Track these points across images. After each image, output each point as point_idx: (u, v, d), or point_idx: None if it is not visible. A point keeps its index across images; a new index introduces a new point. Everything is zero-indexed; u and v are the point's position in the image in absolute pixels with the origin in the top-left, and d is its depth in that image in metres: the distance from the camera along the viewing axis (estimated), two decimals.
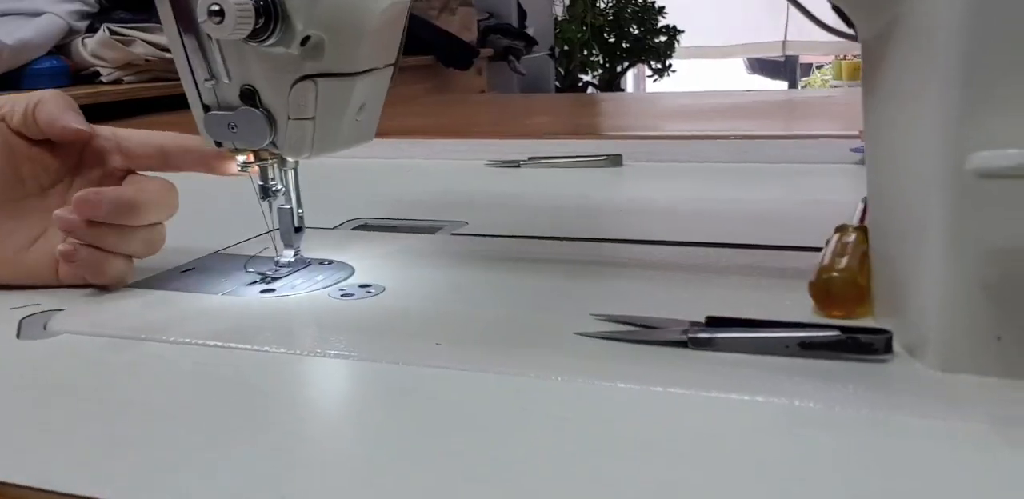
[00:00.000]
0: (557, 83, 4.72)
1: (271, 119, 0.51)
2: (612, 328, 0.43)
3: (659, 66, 5.13)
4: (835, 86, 5.57)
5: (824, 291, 0.41)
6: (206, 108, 0.53)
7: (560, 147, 0.97)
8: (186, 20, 0.50)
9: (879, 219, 0.41)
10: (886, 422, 0.33)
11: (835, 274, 0.41)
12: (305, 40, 0.48)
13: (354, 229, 0.69)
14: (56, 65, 1.44)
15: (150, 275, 0.57)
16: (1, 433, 0.36)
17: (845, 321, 0.40)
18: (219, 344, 0.45)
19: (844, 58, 5.48)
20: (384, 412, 0.37)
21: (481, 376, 0.39)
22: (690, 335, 0.39)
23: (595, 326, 0.43)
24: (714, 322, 0.40)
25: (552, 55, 4.51)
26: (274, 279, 0.55)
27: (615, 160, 0.89)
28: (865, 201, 0.55)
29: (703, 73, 6.09)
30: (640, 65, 5.33)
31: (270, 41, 0.47)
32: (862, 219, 0.51)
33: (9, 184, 0.54)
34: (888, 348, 0.36)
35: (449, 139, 1.01)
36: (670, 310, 0.44)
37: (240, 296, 0.53)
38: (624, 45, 5.12)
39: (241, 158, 0.55)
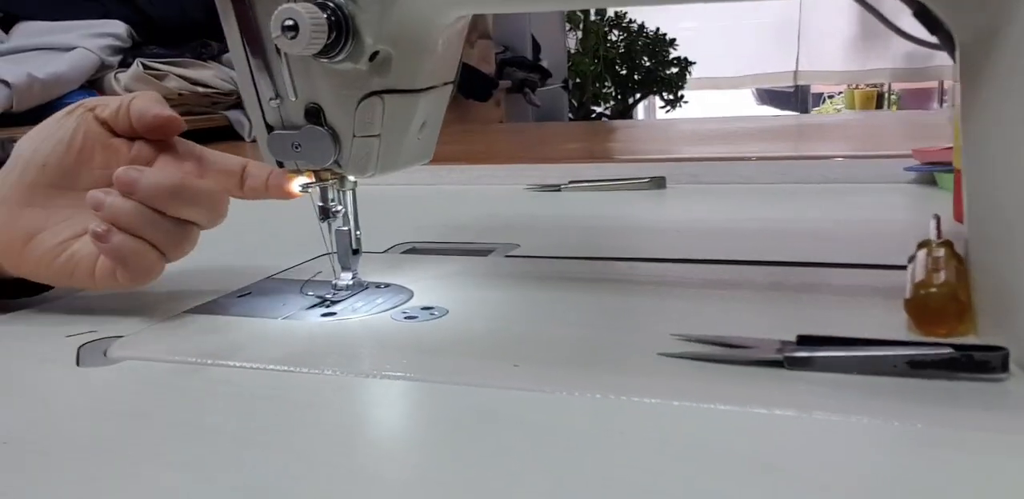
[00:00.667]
0: (570, 115, 4.74)
1: (336, 137, 0.50)
2: (696, 348, 0.41)
3: (671, 97, 5.15)
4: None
5: (922, 307, 0.40)
6: (269, 128, 0.52)
7: (598, 171, 0.96)
8: (253, 38, 0.49)
9: (981, 231, 0.40)
10: (1015, 444, 0.31)
11: (934, 289, 0.39)
12: (374, 55, 0.48)
13: (404, 253, 0.68)
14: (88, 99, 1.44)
15: (206, 300, 0.56)
16: (81, 462, 0.35)
17: (947, 339, 0.39)
18: (288, 369, 0.43)
19: (856, 87, 5.50)
20: (471, 436, 0.35)
21: (568, 398, 0.38)
22: (786, 354, 0.37)
23: (678, 346, 0.42)
24: (807, 341, 0.39)
25: (566, 87, 4.53)
26: (333, 302, 0.54)
27: (659, 182, 0.88)
28: (937, 217, 0.54)
29: (712, 104, 6.11)
30: (652, 96, 5.36)
31: (340, 56, 0.47)
32: (939, 234, 0.50)
33: (76, 171, 0.53)
34: (1005, 366, 0.34)
35: (486, 165, 1.00)
36: (753, 330, 0.43)
37: (301, 320, 0.52)
38: (636, 77, 5.14)
39: (302, 179, 0.54)
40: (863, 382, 0.36)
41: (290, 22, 0.45)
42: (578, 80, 4.90)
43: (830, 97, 6.39)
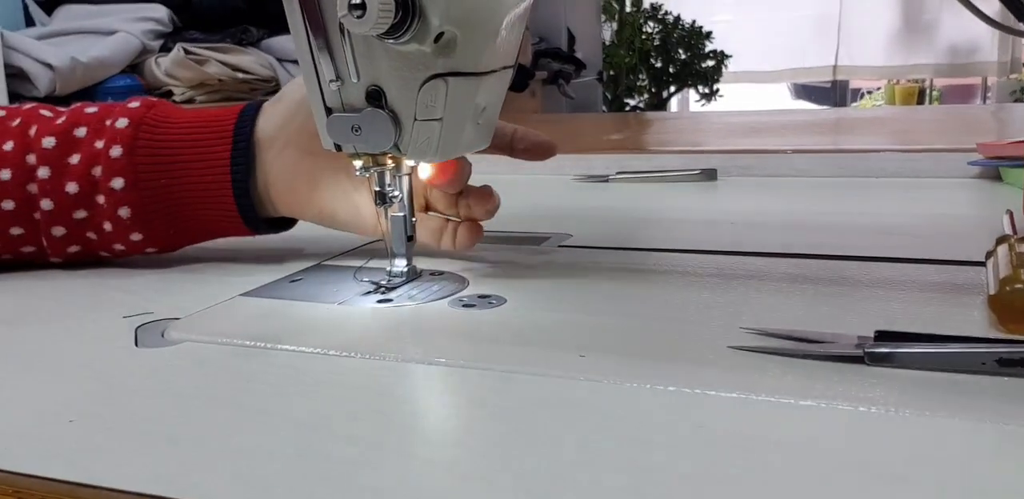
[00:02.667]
0: (604, 107, 4.71)
1: (396, 120, 0.50)
2: (769, 342, 0.40)
3: (706, 91, 5.11)
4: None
5: (1009, 304, 0.38)
6: (328, 111, 0.52)
7: (646, 162, 0.95)
8: (316, 18, 0.49)
9: None
10: None
11: (1020, 285, 0.38)
12: (439, 37, 0.47)
13: None
14: (130, 83, 1.45)
15: (259, 285, 0.56)
16: (146, 441, 0.34)
17: None
18: (348, 354, 0.43)
19: (897, 83, 5.43)
20: (542, 427, 0.34)
21: (640, 388, 0.37)
22: (867, 349, 0.36)
23: (748, 340, 0.41)
24: (886, 336, 0.37)
25: (600, 79, 4.51)
26: (388, 289, 0.54)
27: (710, 174, 0.86)
28: (1010, 212, 0.52)
29: (747, 98, 6.06)
30: (686, 90, 5.32)
31: (405, 37, 0.46)
32: (1014, 230, 0.48)
33: None
34: None
35: None
36: (826, 325, 0.42)
37: (357, 306, 0.51)
38: (671, 70, 5.11)
39: (358, 162, 0.53)
40: (949, 380, 0.35)
41: (357, 0, 0.44)
42: (612, 72, 4.88)
43: (868, 93, 6.32)
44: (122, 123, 0.58)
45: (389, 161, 0.53)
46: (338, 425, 0.36)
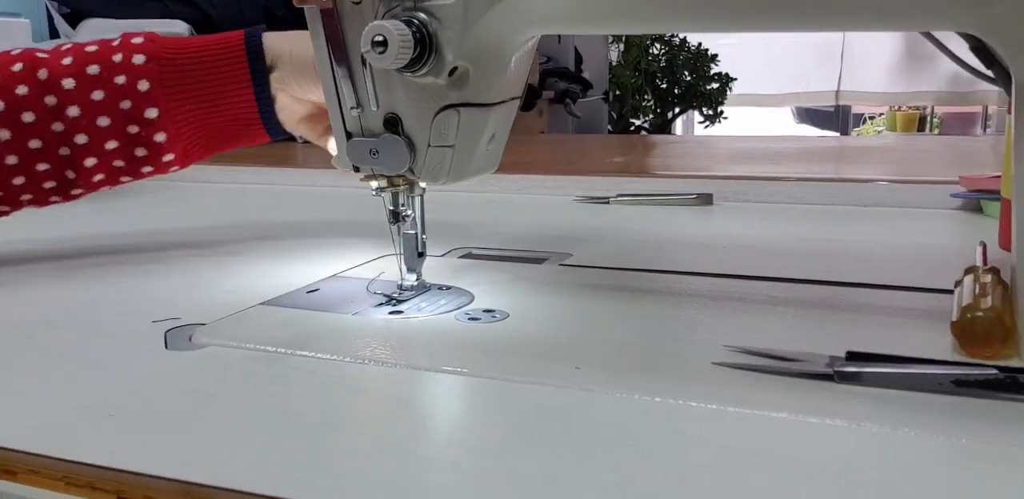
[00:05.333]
0: (610, 127, 4.76)
1: (412, 146, 0.54)
2: (749, 360, 0.44)
3: (710, 113, 5.15)
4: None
5: (969, 330, 0.42)
6: (349, 135, 0.55)
7: (646, 185, 0.98)
8: (340, 50, 0.53)
9: None
10: None
11: (980, 313, 0.42)
12: (452, 71, 0.51)
13: (461, 257, 0.71)
14: None
15: (278, 294, 0.59)
16: (178, 436, 0.38)
17: (992, 361, 0.41)
18: (362, 360, 0.46)
19: (898, 109, 5.47)
20: (538, 431, 0.38)
21: (629, 398, 0.40)
22: (836, 368, 0.40)
23: (731, 357, 0.44)
24: (855, 357, 0.41)
25: (606, 99, 4.56)
26: (399, 301, 0.57)
27: (706, 199, 0.90)
28: (983, 244, 0.56)
29: (749, 121, 6.10)
30: (691, 111, 5.37)
31: (422, 71, 0.50)
32: (985, 261, 0.52)
33: None
34: None
35: (535, 175, 1.02)
36: (803, 345, 0.45)
37: (370, 316, 0.55)
38: (676, 91, 5.16)
39: (374, 183, 0.57)
40: (910, 398, 0.38)
41: (379, 38, 0.48)
42: (618, 92, 4.92)
43: (871, 118, 6.36)
44: (139, 59, 0.65)
45: (402, 182, 0.57)
46: (351, 425, 0.39)
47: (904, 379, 0.39)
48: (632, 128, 5.07)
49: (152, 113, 0.64)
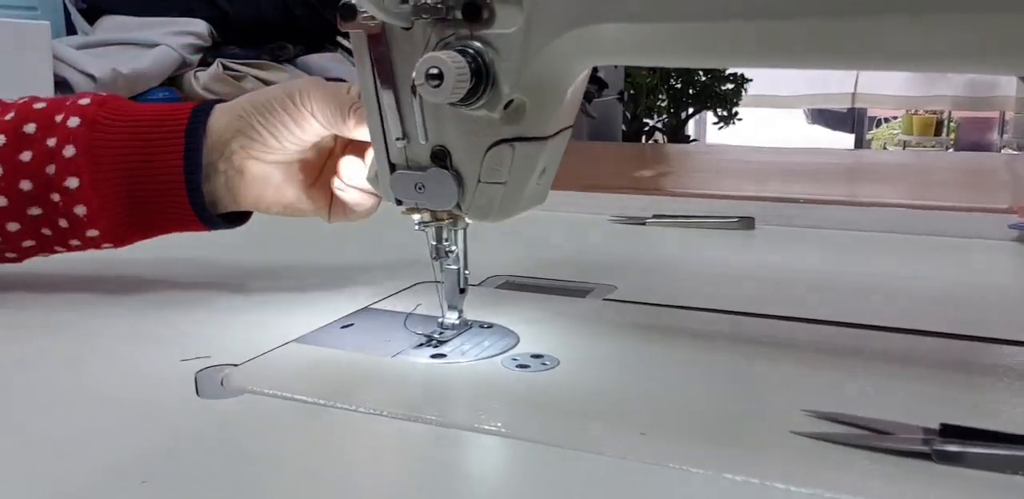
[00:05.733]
0: (623, 126, 4.73)
1: (460, 181, 0.50)
2: (830, 428, 0.40)
3: (724, 113, 5.12)
4: (904, 141, 5.52)
5: None
6: (392, 167, 0.52)
7: (684, 205, 0.95)
8: (387, 77, 0.50)
9: None
10: None
11: None
12: (508, 104, 0.48)
13: (499, 287, 0.68)
14: (168, 96, 1.47)
15: (310, 329, 0.57)
16: None
17: None
18: (410, 416, 0.43)
19: (915, 113, 5.44)
20: None
21: (698, 476, 0.37)
22: (935, 447, 0.37)
23: (809, 425, 0.41)
24: (951, 432, 0.38)
25: (621, 99, 4.52)
26: (440, 342, 0.54)
27: (747, 223, 0.87)
28: None
29: (762, 121, 6.07)
30: (704, 112, 5.33)
31: (477, 104, 0.47)
32: None
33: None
34: None
35: (568, 191, 0.99)
36: (889, 409, 0.42)
37: (411, 358, 0.52)
38: (691, 91, 5.12)
39: (416, 216, 0.54)
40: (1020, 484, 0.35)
41: (435, 70, 0.45)
42: (633, 92, 4.88)
43: (886, 121, 6.32)
44: (74, 122, 0.59)
45: (447, 216, 0.54)
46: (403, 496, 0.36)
47: (1015, 462, 0.35)
48: (646, 128, 5.04)
49: (73, 183, 0.59)
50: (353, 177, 0.60)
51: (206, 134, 0.60)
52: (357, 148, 0.62)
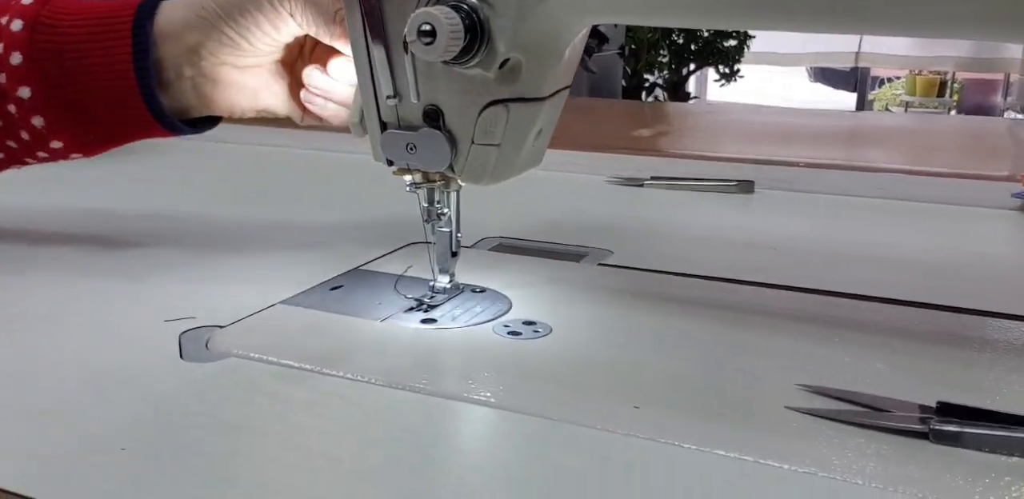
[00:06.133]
0: (623, 82, 4.67)
1: (453, 142, 0.49)
2: (825, 403, 0.40)
3: (726, 70, 5.05)
4: (906, 102, 5.47)
5: None
6: (384, 126, 0.51)
7: (683, 168, 0.94)
8: (378, 33, 0.48)
9: None
10: None
11: None
12: (504, 63, 0.46)
13: (492, 249, 0.67)
14: None
15: (297, 290, 0.55)
16: (198, 476, 0.34)
17: None
18: (399, 385, 0.42)
19: (919, 73, 5.37)
20: (593, 484, 0.34)
21: (694, 453, 0.36)
22: (933, 426, 0.36)
23: (804, 400, 0.40)
24: (948, 410, 0.37)
25: (621, 54, 4.45)
26: (431, 306, 0.53)
27: (746, 187, 0.85)
28: None
29: (764, 79, 5.99)
30: (705, 69, 5.26)
31: (471, 63, 0.45)
32: None
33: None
34: None
35: (566, 151, 0.97)
36: (885, 384, 0.41)
37: (401, 323, 0.51)
38: (693, 47, 5.05)
39: (408, 177, 0.53)
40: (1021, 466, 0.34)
41: (427, 27, 0.43)
42: (634, 47, 4.81)
43: (889, 80, 6.25)
44: (16, 25, 0.55)
45: (439, 178, 0.52)
46: (383, 470, 0.35)
47: (1014, 444, 0.35)
48: (647, 84, 4.98)
49: (24, 92, 0.55)
50: (320, 87, 0.58)
51: (154, 31, 0.55)
52: (323, 53, 0.59)
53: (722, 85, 5.16)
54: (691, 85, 5.67)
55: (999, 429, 0.35)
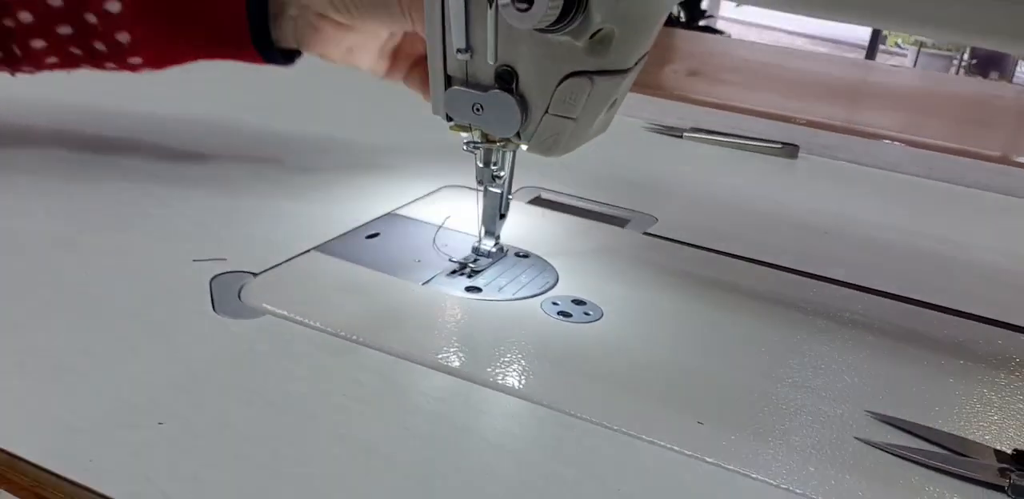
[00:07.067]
0: None
1: (525, 109, 0.45)
2: (896, 437, 0.38)
3: None
4: (920, 41, 5.36)
5: None
6: (449, 80, 0.47)
7: (723, 120, 0.90)
8: None
9: None
10: None
11: None
12: (595, 33, 0.42)
13: (531, 202, 0.64)
14: None
15: (331, 236, 0.53)
16: (239, 451, 0.33)
17: None
18: (441, 367, 0.41)
19: None
20: None
21: (766, 487, 0.35)
22: (1014, 482, 0.34)
23: (875, 430, 0.38)
24: None
25: None
26: (475, 271, 0.51)
27: (790, 151, 0.82)
28: None
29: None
30: None
31: (563, 30, 0.41)
32: None
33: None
34: None
35: None
36: (959, 420, 0.40)
37: (444, 289, 0.48)
38: None
39: (466, 135, 0.49)
40: None
41: None
42: None
43: None
44: None
45: (499, 138, 0.49)
46: (429, 477, 0.34)
47: None
48: None
49: (114, 6, 0.53)
50: None
51: None
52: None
53: (737, 5, 5.02)
54: (705, 3, 5.51)
55: None
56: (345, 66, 0.59)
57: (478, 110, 0.46)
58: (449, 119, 0.48)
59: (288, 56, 0.59)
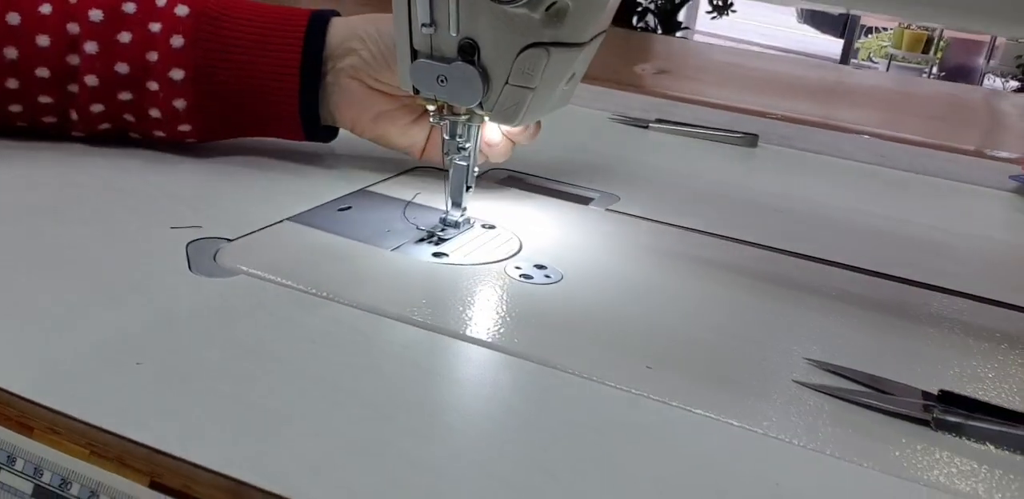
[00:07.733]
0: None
1: (487, 79, 0.48)
2: (832, 380, 0.41)
3: (719, 3, 4.97)
4: (891, 54, 5.45)
5: None
6: (415, 54, 0.49)
7: (687, 113, 0.93)
8: None
9: None
10: None
11: None
12: (551, 5, 0.45)
13: (501, 182, 0.66)
14: None
15: (305, 207, 0.55)
16: (216, 394, 0.35)
17: None
18: (411, 318, 0.43)
19: (908, 27, 5.34)
20: (596, 441, 0.35)
21: (701, 418, 0.37)
22: (936, 415, 0.37)
23: (812, 375, 0.41)
24: (950, 399, 0.38)
25: None
26: (442, 239, 0.53)
27: (750, 140, 0.85)
28: None
29: (751, 15, 5.91)
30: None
31: (519, 2, 0.44)
32: None
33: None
34: None
35: None
36: (891, 365, 0.42)
37: (411, 255, 0.51)
38: None
39: (432, 107, 0.52)
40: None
41: None
42: None
43: (877, 31, 6.21)
44: (182, 10, 0.57)
45: (464, 110, 0.51)
46: (394, 410, 0.36)
47: (1015, 441, 0.36)
48: (639, 9, 4.88)
49: (177, 74, 0.56)
50: (494, 137, 0.59)
51: (325, 44, 0.58)
52: None
53: (713, 17, 5.08)
54: (682, 16, 5.57)
55: (1002, 425, 0.36)
56: (378, 142, 0.62)
57: (442, 81, 0.49)
58: (416, 92, 0.51)
59: (329, 133, 0.63)
